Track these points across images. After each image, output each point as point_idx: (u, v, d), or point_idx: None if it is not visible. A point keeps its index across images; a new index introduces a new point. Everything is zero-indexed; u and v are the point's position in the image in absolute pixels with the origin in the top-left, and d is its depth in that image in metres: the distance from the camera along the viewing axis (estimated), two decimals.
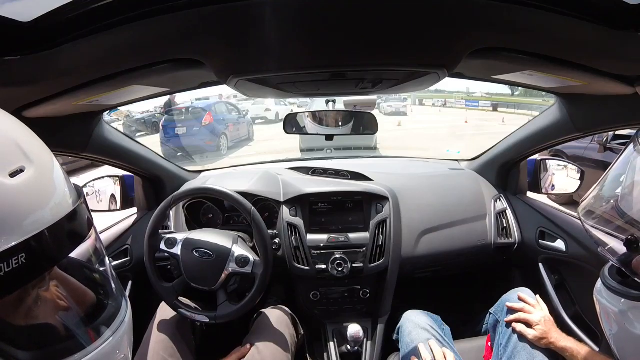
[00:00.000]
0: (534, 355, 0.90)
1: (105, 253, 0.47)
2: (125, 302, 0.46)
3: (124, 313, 0.44)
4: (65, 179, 0.39)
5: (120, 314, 0.43)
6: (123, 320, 0.43)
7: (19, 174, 0.33)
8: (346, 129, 1.08)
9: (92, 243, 0.43)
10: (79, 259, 0.42)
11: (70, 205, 0.37)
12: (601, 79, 0.62)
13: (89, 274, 0.44)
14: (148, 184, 1.40)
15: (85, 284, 0.42)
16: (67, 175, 0.40)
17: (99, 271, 0.45)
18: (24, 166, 0.34)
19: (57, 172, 0.38)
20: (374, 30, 0.47)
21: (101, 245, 0.45)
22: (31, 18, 0.42)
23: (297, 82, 0.69)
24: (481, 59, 0.57)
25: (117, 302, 0.44)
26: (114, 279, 0.46)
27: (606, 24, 0.45)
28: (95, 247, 0.44)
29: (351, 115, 1.08)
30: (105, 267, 0.46)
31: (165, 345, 0.97)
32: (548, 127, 1.10)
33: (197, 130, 7.51)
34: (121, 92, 0.72)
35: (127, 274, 1.29)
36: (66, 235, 0.36)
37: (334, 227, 1.28)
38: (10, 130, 0.36)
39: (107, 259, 0.46)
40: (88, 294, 0.42)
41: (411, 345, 1.00)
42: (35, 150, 0.37)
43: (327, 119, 1.08)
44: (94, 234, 0.42)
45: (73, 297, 0.40)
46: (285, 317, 1.12)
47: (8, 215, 0.31)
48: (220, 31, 0.47)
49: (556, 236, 1.23)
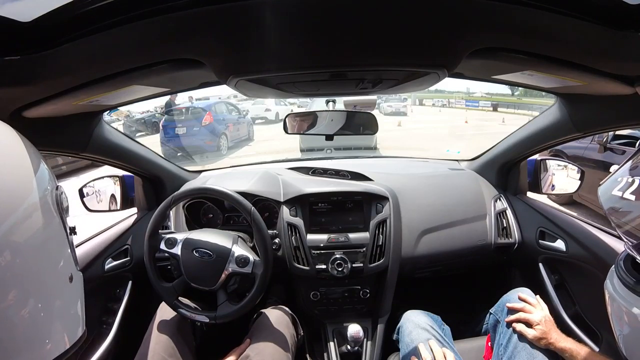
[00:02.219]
0: (534, 355, 0.90)
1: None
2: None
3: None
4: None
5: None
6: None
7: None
8: (346, 129, 1.07)
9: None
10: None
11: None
12: (601, 79, 0.62)
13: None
14: (148, 184, 1.40)
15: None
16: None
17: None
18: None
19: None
20: (374, 30, 0.47)
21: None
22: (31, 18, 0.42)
23: (297, 82, 0.69)
24: (481, 59, 0.57)
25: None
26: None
27: (606, 24, 0.45)
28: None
29: (351, 115, 1.07)
30: None
31: (165, 345, 0.97)
32: (548, 127, 1.10)
33: (197, 130, 7.51)
34: (121, 92, 0.72)
35: (127, 274, 1.29)
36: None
37: (334, 227, 1.28)
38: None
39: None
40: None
41: (411, 345, 1.00)
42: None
43: (327, 119, 1.08)
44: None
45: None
46: (285, 317, 1.12)
47: None
48: (220, 31, 0.47)
49: (556, 236, 1.23)
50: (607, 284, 0.59)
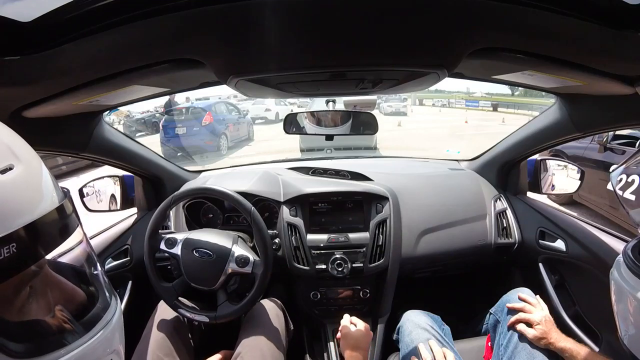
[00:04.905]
0: (534, 355, 0.90)
1: (94, 253, 0.49)
2: (115, 300, 0.48)
3: (113, 310, 0.46)
4: (51, 178, 0.42)
5: (109, 311, 0.45)
6: (112, 317, 0.45)
7: (8, 172, 0.35)
8: (346, 129, 1.07)
9: (81, 242, 0.45)
10: (69, 261, 0.45)
11: (57, 202, 0.40)
12: (601, 79, 0.62)
13: (78, 273, 0.46)
14: (148, 184, 1.40)
15: (74, 283, 0.44)
16: (52, 175, 0.43)
17: (87, 270, 0.47)
18: (12, 164, 0.36)
19: (44, 171, 0.41)
20: (374, 30, 0.47)
21: (90, 246, 0.47)
22: (31, 18, 0.42)
23: (297, 82, 0.69)
24: (481, 59, 0.57)
25: (106, 300, 0.46)
26: (102, 277, 0.49)
27: (606, 24, 0.45)
28: (84, 248, 0.46)
29: (351, 115, 1.07)
30: (94, 265, 0.48)
31: (162, 344, 0.96)
32: (548, 127, 1.10)
33: (197, 130, 7.51)
34: (121, 92, 0.72)
35: (127, 274, 1.29)
36: (53, 228, 0.39)
37: (334, 227, 1.28)
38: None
39: (95, 257, 0.48)
40: (77, 292, 0.44)
41: (411, 345, 1.00)
42: (23, 150, 0.40)
43: (327, 119, 1.08)
44: (81, 232, 0.44)
45: (62, 295, 0.42)
46: (275, 308, 1.12)
47: (0, 208, 0.34)
48: (220, 31, 0.47)
49: (556, 236, 1.23)
50: (613, 273, 0.58)
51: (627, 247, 0.57)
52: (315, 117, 1.08)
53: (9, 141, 0.39)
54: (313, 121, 1.08)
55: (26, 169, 0.37)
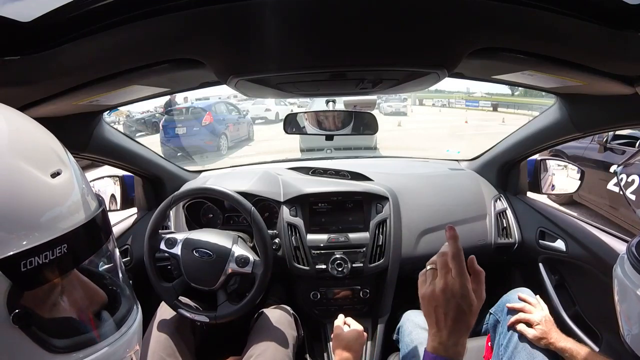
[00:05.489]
0: (534, 355, 0.90)
1: (120, 257, 0.51)
2: (136, 303, 0.50)
3: (136, 313, 0.48)
4: (89, 184, 0.44)
5: (132, 314, 0.47)
6: (135, 319, 0.47)
7: (57, 176, 0.37)
8: (346, 129, 1.07)
9: (112, 247, 0.48)
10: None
11: (98, 207, 0.43)
12: (601, 79, 0.62)
13: (106, 276, 0.49)
14: (148, 184, 1.40)
15: (101, 285, 0.46)
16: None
17: (118, 272, 0.50)
18: (60, 169, 0.38)
19: (85, 177, 0.44)
20: (374, 30, 0.47)
21: (116, 249, 0.50)
22: (31, 18, 0.42)
23: (297, 82, 0.69)
24: (481, 59, 0.57)
25: (130, 303, 0.49)
26: (126, 281, 0.51)
27: (606, 24, 0.45)
28: (114, 252, 0.49)
29: (351, 115, 1.07)
30: (121, 268, 0.51)
31: (164, 345, 0.97)
32: (548, 127, 1.10)
33: (197, 130, 7.52)
34: (121, 92, 0.72)
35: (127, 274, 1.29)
36: (98, 230, 0.42)
37: (334, 227, 1.28)
38: (46, 136, 0.42)
39: (120, 261, 0.51)
40: (101, 293, 0.45)
41: (411, 345, 1.00)
42: (67, 156, 0.42)
43: (327, 119, 1.08)
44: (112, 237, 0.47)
45: (87, 296, 0.44)
46: (287, 316, 1.12)
47: (52, 210, 0.36)
48: (220, 31, 0.47)
49: (556, 236, 1.22)
50: (616, 270, 0.58)
51: (631, 243, 0.57)
52: (315, 117, 1.08)
53: (57, 147, 0.41)
54: (313, 121, 1.09)
55: (73, 174, 0.40)
